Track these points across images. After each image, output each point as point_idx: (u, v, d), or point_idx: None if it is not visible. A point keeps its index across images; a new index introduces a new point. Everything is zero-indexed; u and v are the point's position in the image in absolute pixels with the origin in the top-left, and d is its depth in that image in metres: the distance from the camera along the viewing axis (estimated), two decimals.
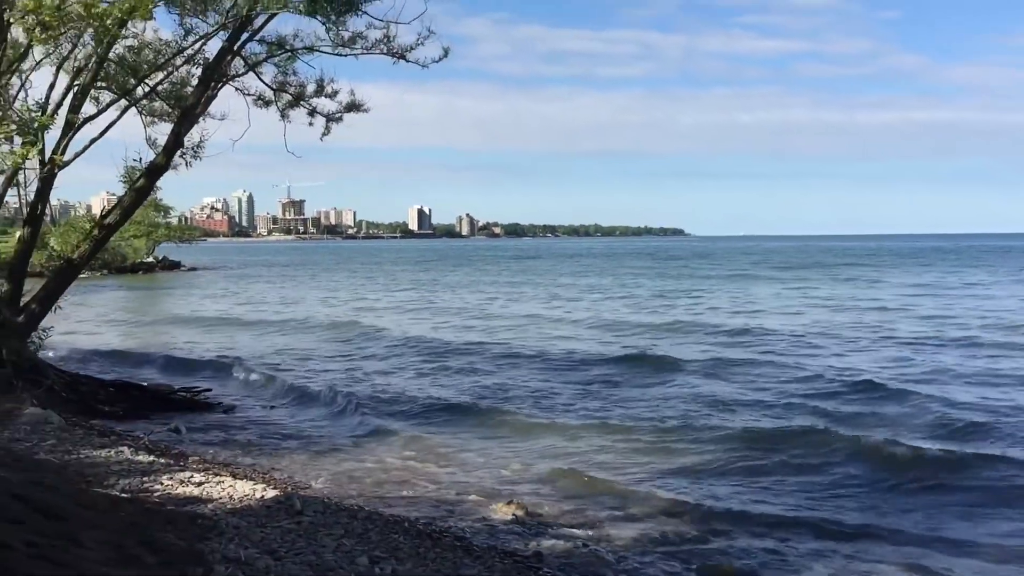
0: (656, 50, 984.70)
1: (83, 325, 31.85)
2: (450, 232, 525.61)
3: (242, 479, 10.74)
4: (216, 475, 10.70)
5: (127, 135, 17.23)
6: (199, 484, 9.96)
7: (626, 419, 16.13)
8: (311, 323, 34.42)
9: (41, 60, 16.05)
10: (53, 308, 16.41)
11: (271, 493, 9.83)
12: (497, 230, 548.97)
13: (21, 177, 16.03)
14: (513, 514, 10.48)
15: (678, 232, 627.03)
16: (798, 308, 39.34)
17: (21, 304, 16.09)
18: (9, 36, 14.08)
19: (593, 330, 30.99)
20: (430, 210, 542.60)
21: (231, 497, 9.47)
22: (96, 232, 16.82)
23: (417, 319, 36.44)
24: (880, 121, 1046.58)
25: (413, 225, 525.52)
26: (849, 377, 19.73)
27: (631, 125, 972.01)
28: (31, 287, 16.76)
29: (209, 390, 18.80)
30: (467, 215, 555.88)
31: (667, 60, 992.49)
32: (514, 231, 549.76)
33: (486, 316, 36.86)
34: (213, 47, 16.88)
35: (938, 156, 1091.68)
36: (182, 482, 10.00)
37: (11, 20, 13.38)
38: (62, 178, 16.27)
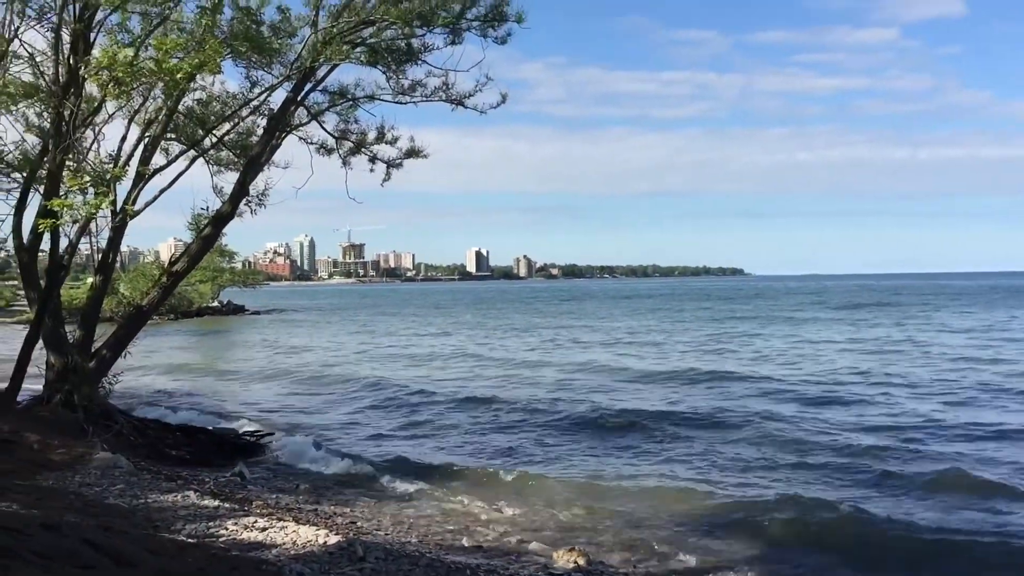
0: (712, 90, 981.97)
1: (147, 369, 32.40)
2: (507, 274, 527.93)
3: (305, 524, 10.78)
4: (279, 520, 10.76)
5: (194, 183, 17.72)
6: (263, 529, 10.02)
7: (681, 473, 15.78)
8: (367, 374, 33.53)
9: (113, 113, 16.55)
10: (123, 354, 16.80)
11: (333, 539, 9.84)
12: (555, 271, 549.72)
13: (92, 226, 16.53)
14: (575, 562, 10.35)
15: (738, 272, 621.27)
16: (861, 354, 37.69)
17: (92, 350, 16.50)
18: (84, 91, 14.61)
19: (649, 380, 30.03)
20: (487, 252, 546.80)
21: (294, 543, 9.51)
22: (164, 279, 17.27)
23: (475, 367, 36.19)
24: (944, 158, 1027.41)
25: (471, 267, 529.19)
26: (909, 443, 17.94)
27: (688, 165, 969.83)
28: (101, 331, 17.19)
29: (271, 434, 19.00)
30: (524, 257, 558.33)
31: (723, 100, 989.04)
32: (572, 272, 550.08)
33: (541, 365, 36.15)
34: (277, 98, 17.38)
35: (1007, 192, 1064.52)
36: (246, 527, 10.07)
37: (86, 76, 13.91)
38: (131, 225, 16.75)
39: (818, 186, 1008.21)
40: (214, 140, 17.89)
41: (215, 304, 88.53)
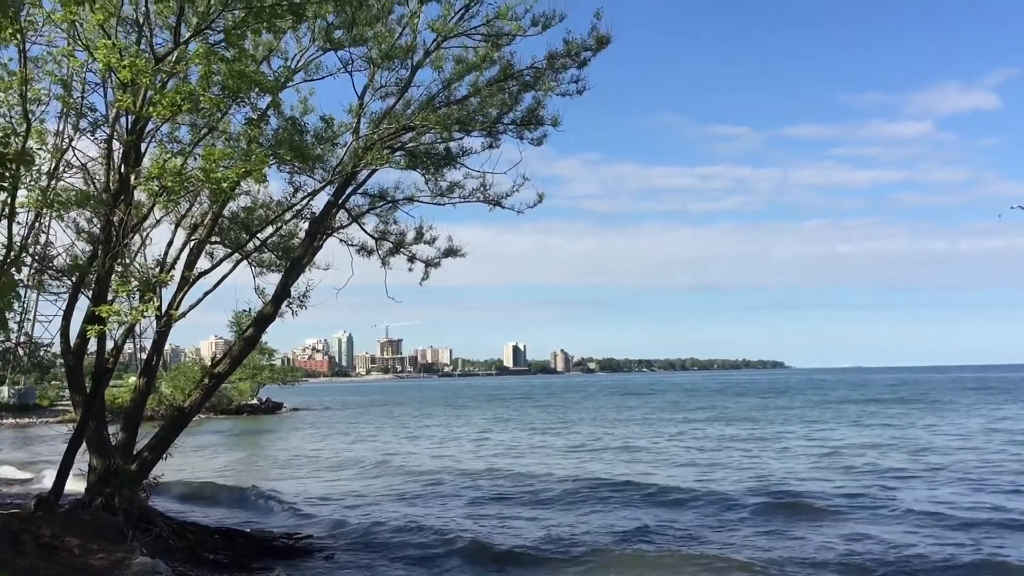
0: (748, 183, 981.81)
1: (184, 467, 32.31)
2: (545, 368, 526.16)
3: None
4: None
5: (237, 282, 17.98)
6: None
7: None
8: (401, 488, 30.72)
9: (160, 218, 16.99)
10: (164, 456, 16.85)
11: None
12: (592, 365, 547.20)
13: (137, 327, 16.77)
14: None
15: (778, 365, 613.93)
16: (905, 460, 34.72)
17: (134, 452, 16.57)
18: (133, 199, 15.06)
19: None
20: (525, 347, 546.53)
21: None
22: (206, 381, 17.43)
23: (506, 484, 35.60)
24: (985, 249, 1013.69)
25: (508, 362, 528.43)
26: None
27: (726, 258, 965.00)
28: (142, 430, 17.25)
29: (310, 536, 18.84)
30: (562, 351, 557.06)
31: (760, 193, 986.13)
32: (609, 366, 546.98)
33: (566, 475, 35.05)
34: (319, 201, 17.78)
35: None
36: None
37: (136, 185, 14.37)
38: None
39: (858, 277, 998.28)
40: (257, 243, 18.24)
41: (254, 402, 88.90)
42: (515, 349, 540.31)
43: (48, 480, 20.38)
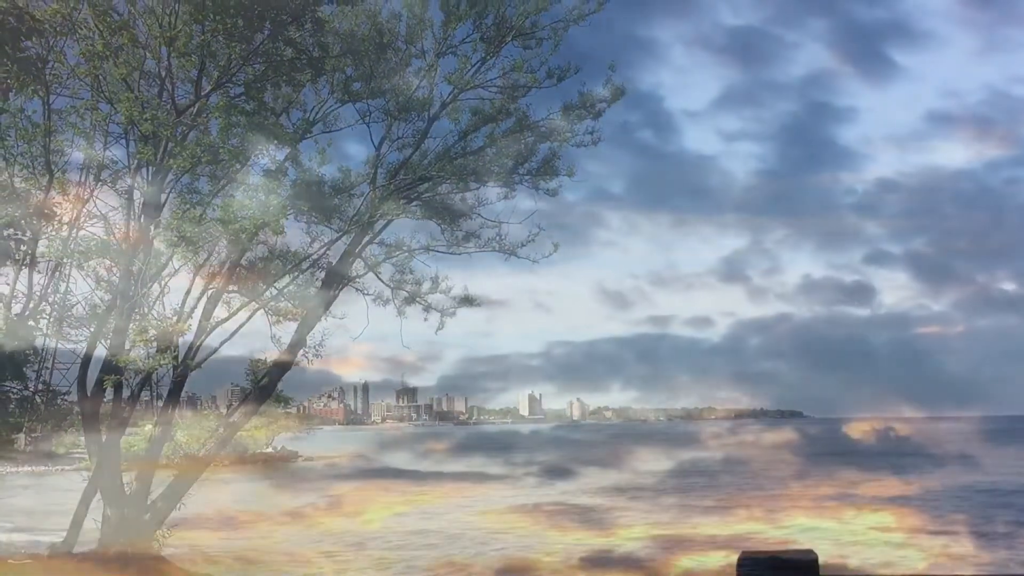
0: (768, 233, 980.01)
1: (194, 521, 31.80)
2: (561, 417, 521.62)
3: None
4: None
5: (252, 328, 17.98)
6: None
7: None
8: None
9: (179, 268, 17.08)
10: (178, 505, 16.76)
11: None
12: (608, 414, 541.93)
13: (153, 376, 16.77)
14: None
15: (796, 414, 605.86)
16: None
17: (148, 501, 16.49)
18: (152, 248, 15.18)
19: None
20: (540, 395, 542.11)
21: None
22: (221, 430, 17.39)
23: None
24: (1014, 295, 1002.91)
25: (524, 411, 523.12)
26: None
27: (745, 305, 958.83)
28: (157, 478, 17.12)
29: None
30: (578, 399, 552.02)
31: (781, 243, 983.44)
32: (626, 415, 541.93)
33: None
34: (336, 250, 17.84)
35: None
36: None
37: (156, 235, 14.52)
38: None
39: (879, 325, 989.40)
40: (274, 292, 18.28)
41: (269, 450, 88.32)
42: (531, 398, 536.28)
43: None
